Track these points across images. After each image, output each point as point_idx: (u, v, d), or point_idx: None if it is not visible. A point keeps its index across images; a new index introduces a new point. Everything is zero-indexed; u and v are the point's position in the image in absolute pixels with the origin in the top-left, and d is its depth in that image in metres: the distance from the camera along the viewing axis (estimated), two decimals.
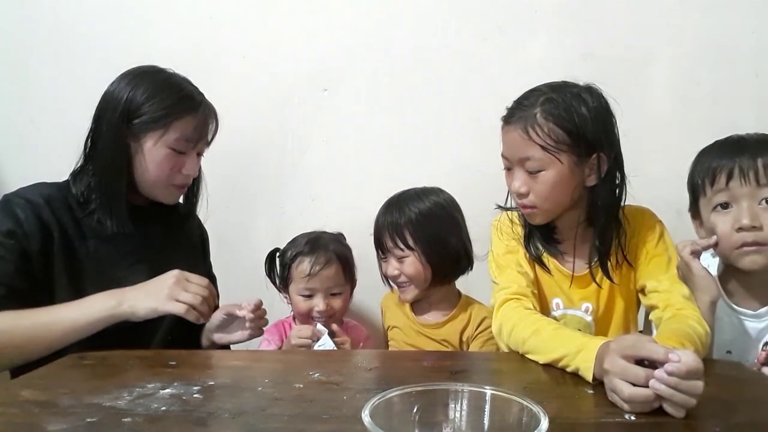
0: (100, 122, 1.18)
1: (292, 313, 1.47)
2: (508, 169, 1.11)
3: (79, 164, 1.21)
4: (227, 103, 1.77)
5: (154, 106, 1.15)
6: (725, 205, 1.08)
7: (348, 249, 1.46)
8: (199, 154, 1.26)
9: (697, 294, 1.05)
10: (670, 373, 0.73)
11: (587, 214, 1.11)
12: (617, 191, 1.09)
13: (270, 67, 1.72)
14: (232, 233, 1.75)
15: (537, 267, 1.16)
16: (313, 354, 1.23)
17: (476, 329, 1.33)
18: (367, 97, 1.71)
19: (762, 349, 1.13)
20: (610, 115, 1.07)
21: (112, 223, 1.17)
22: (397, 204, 1.35)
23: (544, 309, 1.15)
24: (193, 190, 1.32)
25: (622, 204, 1.11)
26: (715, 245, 1.10)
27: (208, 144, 1.27)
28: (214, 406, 0.79)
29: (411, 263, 1.31)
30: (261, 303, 1.22)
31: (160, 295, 1.08)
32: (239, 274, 1.44)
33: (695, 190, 1.15)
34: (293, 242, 1.44)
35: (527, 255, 1.16)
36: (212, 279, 1.43)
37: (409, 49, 1.68)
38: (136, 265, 1.21)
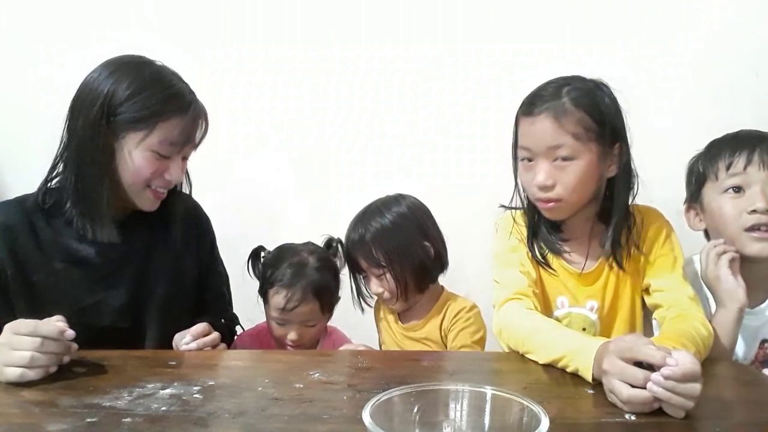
0: (76, 117, 1.07)
1: None
2: (528, 160, 1.07)
3: (53, 166, 1.11)
4: (227, 103, 1.79)
5: (137, 105, 1.04)
6: (738, 189, 1.10)
7: (331, 274, 1.36)
8: (185, 158, 1.15)
9: (726, 302, 1.06)
10: (666, 377, 0.73)
11: (599, 209, 1.10)
12: (632, 182, 1.10)
13: (270, 67, 1.73)
14: (232, 234, 1.75)
15: (541, 266, 1.15)
16: (313, 354, 1.23)
17: (452, 321, 1.32)
18: (367, 99, 1.71)
19: (759, 348, 1.13)
20: (620, 108, 1.08)
21: (95, 233, 1.07)
22: (362, 222, 1.31)
23: (548, 307, 1.15)
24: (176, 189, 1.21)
25: (634, 195, 1.11)
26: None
27: (196, 147, 1.15)
28: (214, 406, 0.79)
29: (391, 279, 1.29)
30: (203, 331, 1.09)
31: None
32: (239, 275, 1.44)
33: (702, 175, 1.16)
34: (278, 257, 1.35)
35: (530, 254, 1.15)
36: (217, 276, 1.35)
37: (409, 49, 1.68)
38: (110, 290, 1.12)
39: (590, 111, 1.03)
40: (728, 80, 1.59)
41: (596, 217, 1.11)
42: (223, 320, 1.30)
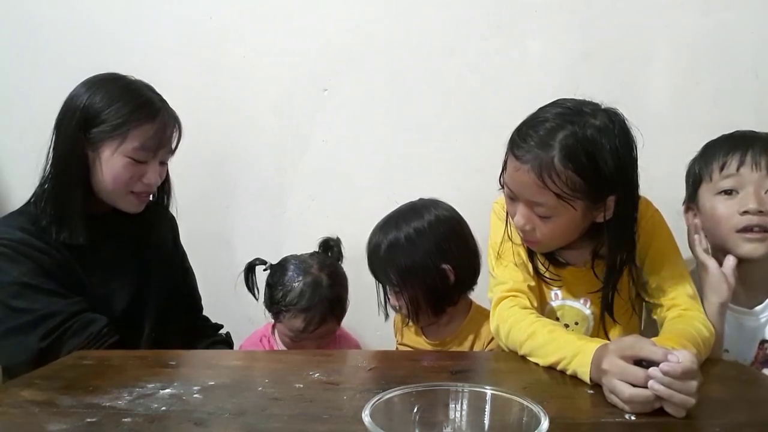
0: (59, 131, 1.16)
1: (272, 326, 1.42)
2: (511, 198, 1.03)
3: (40, 178, 1.17)
4: (227, 103, 1.78)
5: (111, 114, 1.12)
6: (730, 191, 1.11)
7: (344, 286, 1.35)
8: (163, 163, 1.23)
9: (708, 294, 1.06)
10: (665, 373, 0.73)
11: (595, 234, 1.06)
12: (629, 228, 1.03)
13: (270, 67, 1.73)
14: (233, 233, 1.75)
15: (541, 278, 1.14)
16: (313, 354, 1.23)
17: (487, 345, 1.25)
18: (367, 97, 1.71)
19: (759, 348, 1.13)
20: (631, 147, 0.98)
21: (65, 235, 1.13)
22: (382, 231, 1.25)
23: (543, 298, 1.14)
24: (163, 190, 1.29)
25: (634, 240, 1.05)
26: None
27: (172, 152, 1.24)
28: (214, 406, 0.79)
29: (402, 298, 1.24)
30: None
31: None
32: (239, 274, 1.44)
33: (698, 177, 1.17)
34: (285, 275, 1.32)
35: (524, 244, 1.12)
36: (186, 272, 1.43)
37: (409, 48, 1.68)
38: (118, 280, 1.20)
39: (581, 169, 0.93)
40: (728, 80, 1.58)
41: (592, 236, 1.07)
42: (208, 321, 1.44)
